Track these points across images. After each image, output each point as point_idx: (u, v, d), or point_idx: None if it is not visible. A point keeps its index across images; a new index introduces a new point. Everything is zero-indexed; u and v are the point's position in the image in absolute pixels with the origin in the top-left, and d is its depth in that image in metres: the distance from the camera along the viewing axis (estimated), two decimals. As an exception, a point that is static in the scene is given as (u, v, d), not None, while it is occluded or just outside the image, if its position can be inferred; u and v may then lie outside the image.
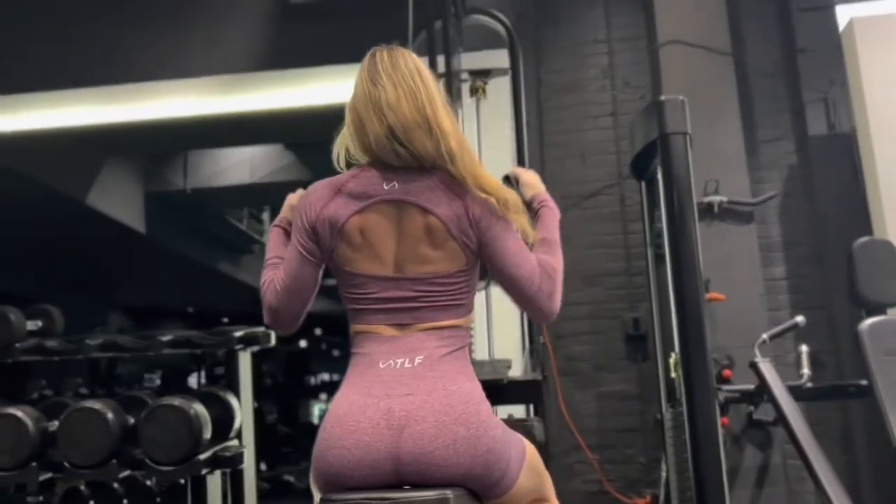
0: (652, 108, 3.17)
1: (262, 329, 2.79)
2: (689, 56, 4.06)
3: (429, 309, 1.62)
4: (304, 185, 1.76)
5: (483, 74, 3.62)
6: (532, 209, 1.82)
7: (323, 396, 14.72)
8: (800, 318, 3.06)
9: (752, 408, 3.56)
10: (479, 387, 1.64)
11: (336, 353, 15.14)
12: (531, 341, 3.37)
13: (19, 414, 2.40)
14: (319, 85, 4.28)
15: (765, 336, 3.06)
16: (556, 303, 1.66)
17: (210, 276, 8.84)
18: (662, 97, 3.12)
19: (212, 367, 8.98)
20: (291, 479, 6.46)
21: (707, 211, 3.86)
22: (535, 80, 4.54)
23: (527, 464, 1.69)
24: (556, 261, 1.70)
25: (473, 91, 3.62)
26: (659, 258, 3.44)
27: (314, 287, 1.71)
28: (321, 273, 1.71)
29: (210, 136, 5.78)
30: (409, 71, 1.66)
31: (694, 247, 2.90)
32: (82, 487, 2.81)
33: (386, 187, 1.62)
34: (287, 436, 9.31)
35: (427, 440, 1.50)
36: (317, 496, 1.64)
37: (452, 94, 3.25)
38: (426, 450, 1.50)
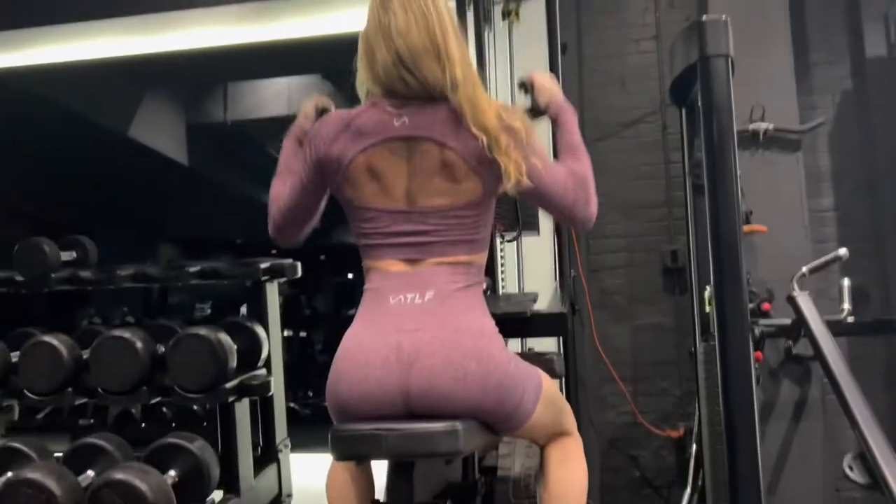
0: (692, 29, 2.99)
1: (288, 261, 2.80)
2: (737, -28, 3.82)
3: (441, 244, 1.59)
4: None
5: (515, -3, 3.47)
6: (549, 114, 1.78)
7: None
8: (842, 251, 2.93)
9: (790, 342, 3.47)
10: (491, 321, 1.62)
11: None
12: (562, 275, 3.32)
13: (54, 342, 2.47)
14: (353, 11, 4.18)
15: (804, 269, 2.95)
16: (594, 207, 1.68)
17: (254, 207, 8.91)
18: (704, 17, 2.94)
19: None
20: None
21: (751, 139, 3.69)
22: (575, 1, 4.35)
23: (543, 397, 1.67)
24: (585, 166, 1.69)
25: (506, 14, 3.49)
26: (697, 189, 3.32)
27: (317, 212, 1.72)
28: (325, 199, 1.70)
29: (247, 65, 5.74)
30: None
31: (732, 177, 2.76)
32: (133, 411, 2.92)
33: (396, 123, 1.59)
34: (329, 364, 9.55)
35: (437, 374, 1.50)
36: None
37: (483, 17, 3.12)
38: (436, 384, 1.50)
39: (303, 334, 8.93)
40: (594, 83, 4.32)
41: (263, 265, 2.70)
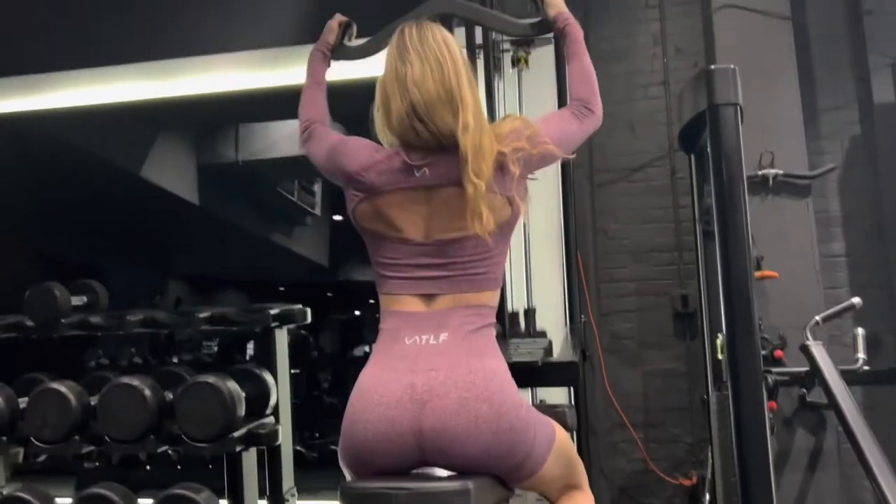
0: (700, 77, 3.02)
1: (298, 307, 2.79)
2: (745, 21, 3.86)
3: (456, 279, 1.62)
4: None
5: (525, 44, 3.52)
6: (557, 26, 1.89)
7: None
8: (856, 300, 2.90)
9: (804, 390, 3.43)
10: (504, 364, 1.63)
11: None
12: (572, 320, 3.31)
13: (62, 389, 2.46)
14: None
15: (817, 318, 2.92)
16: (598, 108, 1.83)
17: (264, 246, 8.95)
18: (712, 66, 2.96)
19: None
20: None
21: (761, 184, 3.70)
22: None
23: (556, 448, 1.66)
24: (588, 67, 1.82)
25: (515, 62, 3.53)
26: (708, 234, 3.31)
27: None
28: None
29: (257, 108, 5.81)
30: (436, 44, 1.65)
31: (743, 224, 2.76)
32: (140, 455, 2.90)
33: (417, 174, 1.63)
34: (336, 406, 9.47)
35: (449, 415, 1.49)
36: (346, 475, 1.64)
37: (492, 65, 3.16)
38: (448, 425, 1.50)
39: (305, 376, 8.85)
40: (603, 128, 4.27)
41: (273, 311, 2.70)
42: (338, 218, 10.36)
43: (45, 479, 2.72)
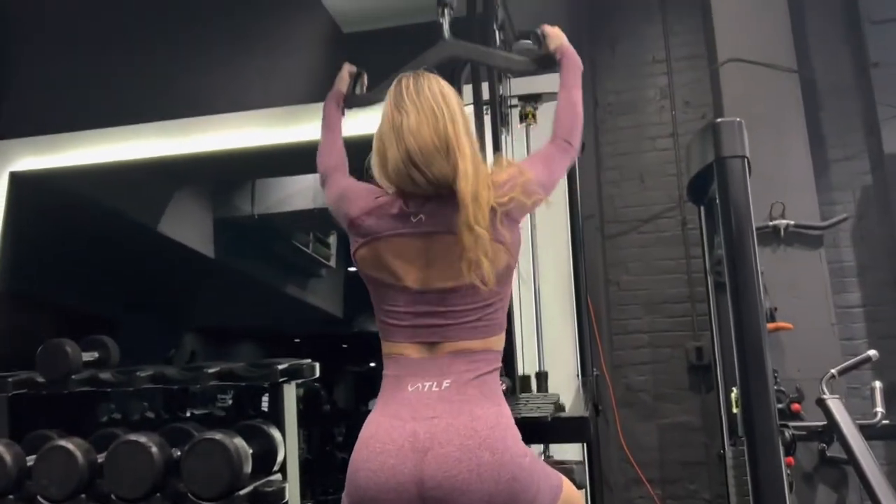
0: (707, 130, 3.04)
1: (306, 361, 2.79)
2: (751, 74, 3.89)
3: (456, 327, 1.61)
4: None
5: (533, 99, 3.55)
6: (556, 59, 1.97)
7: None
8: (872, 353, 2.85)
9: (823, 445, 3.35)
10: (507, 411, 1.61)
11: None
12: (584, 374, 3.27)
13: (70, 446, 2.45)
14: (375, 113, 4.30)
15: (833, 371, 2.87)
16: (577, 143, 1.83)
17: (279, 298, 8.98)
18: (718, 119, 2.99)
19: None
20: None
21: (773, 235, 3.67)
22: (592, 102, 4.45)
23: (562, 499, 1.63)
24: (574, 118, 1.85)
25: (523, 117, 3.56)
26: (719, 286, 3.29)
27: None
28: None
29: (272, 164, 5.90)
30: (432, 95, 1.67)
31: (753, 274, 2.74)
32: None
33: (413, 220, 1.63)
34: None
35: (451, 464, 1.47)
36: None
37: (500, 120, 3.19)
38: (450, 473, 1.47)
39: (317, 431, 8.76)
40: (612, 180, 4.38)
41: (281, 366, 2.69)
42: (353, 269, 10.41)
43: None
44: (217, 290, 8.68)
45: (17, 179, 4.59)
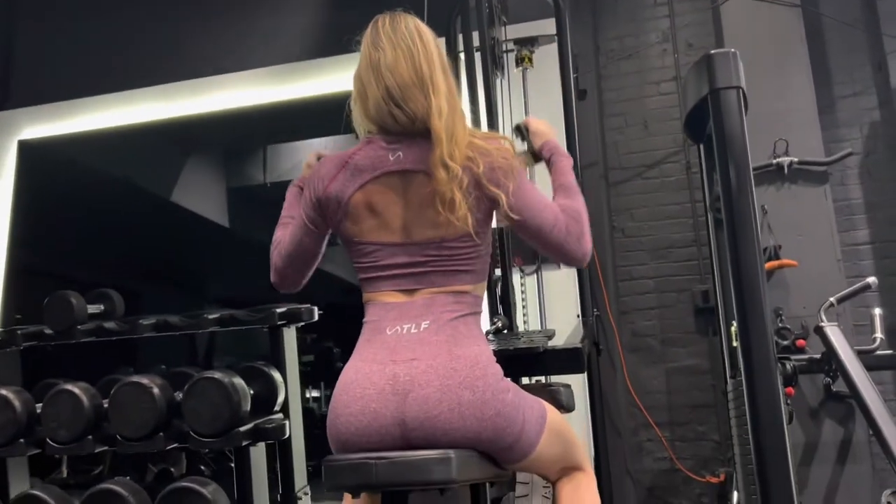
0: (702, 63, 2.99)
1: (305, 306, 2.82)
2: (753, 10, 3.83)
3: (436, 273, 1.60)
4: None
5: (529, 43, 3.52)
6: (543, 157, 1.82)
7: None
8: (872, 280, 2.83)
9: (828, 379, 3.33)
10: (487, 350, 1.60)
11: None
12: (584, 314, 3.27)
13: (76, 390, 2.52)
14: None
15: (832, 299, 2.85)
16: (588, 245, 1.63)
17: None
18: (712, 51, 2.94)
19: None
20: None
21: (776, 172, 3.63)
22: (594, 49, 4.41)
23: (548, 428, 1.63)
24: (579, 203, 1.66)
25: (519, 61, 3.53)
26: (719, 223, 3.26)
27: (317, 255, 1.76)
28: (325, 243, 1.74)
29: (282, 125, 5.91)
30: (408, 32, 1.66)
31: (749, 205, 2.72)
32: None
33: (391, 158, 1.62)
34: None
35: (432, 404, 1.48)
36: None
37: (494, 65, 3.17)
38: (431, 414, 1.48)
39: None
40: (615, 126, 4.34)
41: (280, 310, 2.73)
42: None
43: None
44: (235, 261, 8.74)
45: (26, 148, 4.65)
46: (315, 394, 8.04)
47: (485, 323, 1.88)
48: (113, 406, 2.46)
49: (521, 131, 1.87)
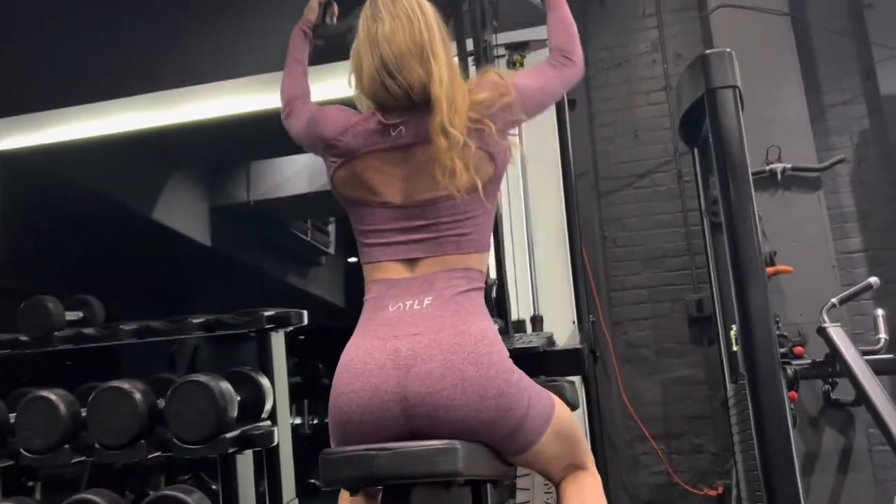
0: (696, 63, 2.98)
1: (294, 310, 2.73)
2: (742, 19, 3.84)
3: (439, 240, 1.55)
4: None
5: (520, 48, 3.49)
6: None
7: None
8: (873, 280, 2.79)
9: (828, 386, 3.28)
10: (493, 327, 1.54)
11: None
12: (580, 320, 3.20)
13: (52, 397, 2.40)
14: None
15: (834, 300, 2.80)
16: (579, 54, 1.76)
17: (279, 288, 8.92)
18: (707, 51, 2.92)
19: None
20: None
21: (770, 179, 3.61)
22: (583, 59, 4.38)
23: (555, 423, 1.56)
24: (569, 33, 1.77)
25: (511, 66, 3.50)
26: (715, 227, 3.23)
27: None
28: None
29: (265, 140, 5.84)
30: (408, 3, 1.62)
31: (749, 204, 2.69)
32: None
33: (392, 133, 1.58)
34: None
35: (434, 379, 1.41)
36: None
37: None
38: (433, 389, 1.41)
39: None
40: (606, 136, 4.31)
41: (268, 314, 2.63)
42: (353, 260, 10.34)
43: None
44: (217, 281, 8.61)
45: (2, 158, 4.53)
46: (297, 420, 7.89)
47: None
48: (92, 413, 2.34)
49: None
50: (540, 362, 2.31)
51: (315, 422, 7.68)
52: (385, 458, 1.40)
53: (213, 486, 2.51)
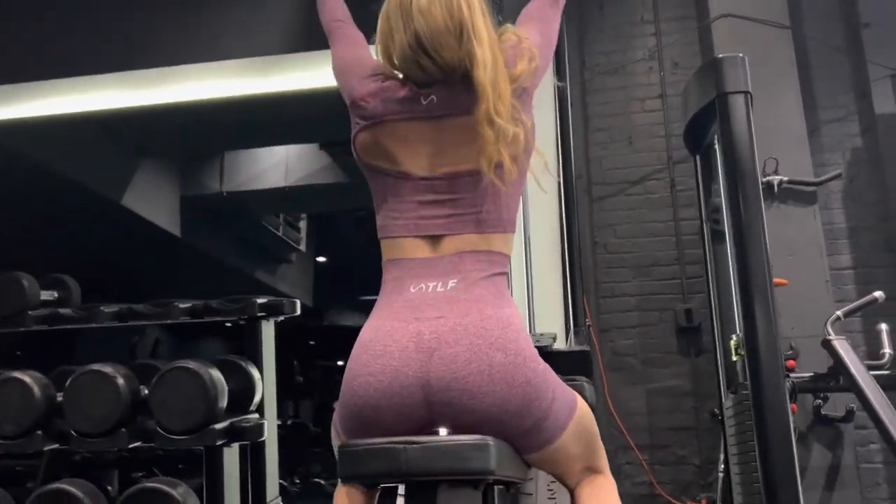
0: (708, 67, 2.93)
1: (286, 298, 2.60)
2: (744, 30, 3.82)
3: (464, 217, 1.43)
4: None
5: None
6: None
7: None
8: (879, 294, 2.76)
9: (819, 401, 3.25)
10: (518, 313, 1.44)
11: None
12: (576, 324, 3.13)
13: (26, 379, 2.23)
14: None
15: (838, 313, 2.77)
16: None
17: (247, 283, 8.72)
18: (720, 55, 2.88)
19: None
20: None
21: (766, 191, 3.57)
22: (580, 63, 4.34)
23: (577, 420, 1.47)
24: None
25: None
26: (716, 234, 3.19)
27: None
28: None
29: (241, 129, 5.67)
30: None
31: (758, 212, 2.64)
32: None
33: (424, 102, 1.45)
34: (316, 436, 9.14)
35: (460, 364, 1.31)
36: (336, 442, 1.44)
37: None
38: (458, 374, 1.31)
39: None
40: (600, 142, 4.26)
41: (260, 301, 2.50)
42: (321, 259, 10.16)
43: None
44: (183, 273, 8.39)
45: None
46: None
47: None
48: (69, 398, 2.18)
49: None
50: (547, 362, 2.22)
51: (290, 422, 7.51)
52: (414, 453, 1.29)
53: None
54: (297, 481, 5.66)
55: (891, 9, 4.03)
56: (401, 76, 1.51)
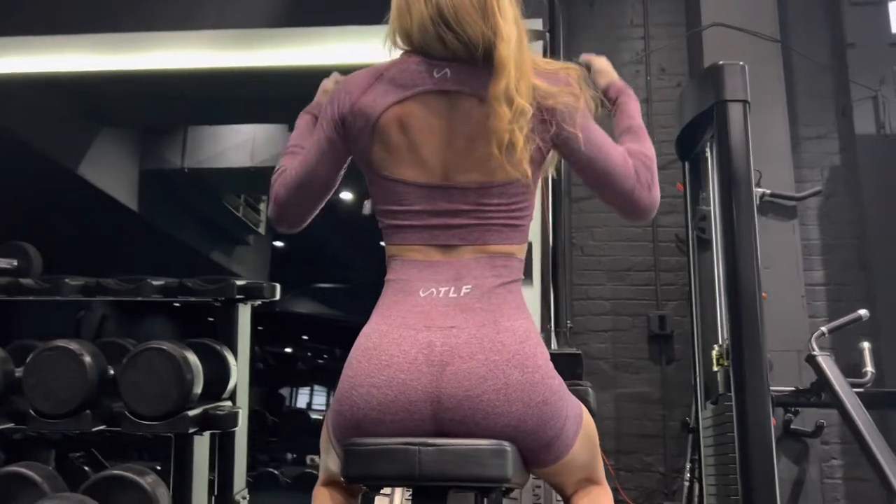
0: (707, 74, 2.90)
1: (267, 283, 2.48)
2: (734, 40, 3.81)
3: (480, 228, 1.33)
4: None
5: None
6: (609, 98, 1.60)
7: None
8: (863, 312, 2.77)
9: (790, 416, 3.27)
10: (535, 326, 1.34)
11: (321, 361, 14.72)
12: (557, 325, 3.08)
13: (-20, 352, 2.07)
14: (335, 45, 4.02)
15: (823, 329, 2.77)
16: (657, 194, 1.39)
17: (201, 262, 8.48)
18: (721, 62, 2.85)
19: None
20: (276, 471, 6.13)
21: (749, 203, 3.58)
22: (566, 60, 4.28)
23: (583, 432, 1.40)
24: (648, 147, 1.44)
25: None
26: (702, 243, 3.17)
27: (329, 187, 1.45)
28: (340, 176, 1.44)
29: (206, 102, 5.48)
30: None
31: (751, 221, 2.63)
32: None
33: (436, 74, 1.34)
34: (273, 425, 8.96)
35: (474, 381, 1.22)
36: (327, 452, 1.34)
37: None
38: (473, 393, 1.22)
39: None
40: (583, 141, 4.21)
41: (240, 283, 2.37)
42: (279, 244, 9.96)
43: None
44: (137, 248, 8.11)
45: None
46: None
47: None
48: (29, 375, 2.02)
49: (582, 68, 1.60)
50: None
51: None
52: (429, 456, 1.20)
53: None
54: (253, 471, 5.50)
55: (876, 30, 4.07)
56: (406, 54, 1.40)
